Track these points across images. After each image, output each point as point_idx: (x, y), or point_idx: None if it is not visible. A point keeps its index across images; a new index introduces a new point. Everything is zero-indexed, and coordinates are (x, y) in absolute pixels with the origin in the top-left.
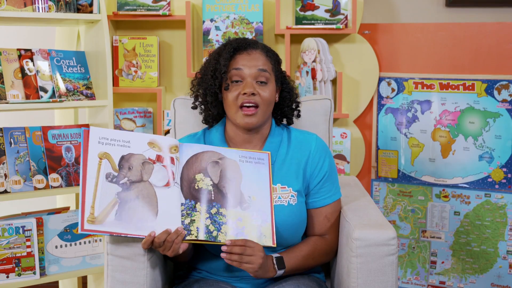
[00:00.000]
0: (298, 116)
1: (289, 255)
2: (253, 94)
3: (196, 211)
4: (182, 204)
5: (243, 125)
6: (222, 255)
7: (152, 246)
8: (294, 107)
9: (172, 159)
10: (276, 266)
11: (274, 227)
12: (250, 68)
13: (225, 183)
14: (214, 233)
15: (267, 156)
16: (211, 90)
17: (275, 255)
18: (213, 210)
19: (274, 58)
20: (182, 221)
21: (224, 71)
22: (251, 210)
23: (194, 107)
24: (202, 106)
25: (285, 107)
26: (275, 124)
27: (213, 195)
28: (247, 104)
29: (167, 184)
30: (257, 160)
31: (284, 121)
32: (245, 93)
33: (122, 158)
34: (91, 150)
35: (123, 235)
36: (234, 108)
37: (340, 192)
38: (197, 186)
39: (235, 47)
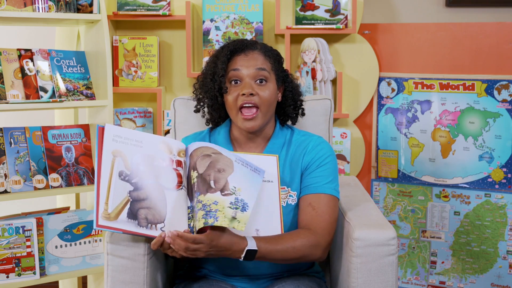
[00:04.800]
0: (303, 114)
1: (267, 242)
2: (251, 94)
3: None
4: (188, 207)
5: (244, 129)
6: (167, 239)
7: (161, 248)
8: (298, 105)
9: (180, 162)
10: (243, 256)
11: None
12: (248, 68)
13: (211, 172)
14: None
15: (274, 160)
16: (211, 93)
17: (250, 245)
18: (194, 201)
19: (273, 58)
20: (188, 224)
21: (222, 74)
22: (231, 197)
23: (197, 110)
24: (205, 109)
25: (287, 107)
26: (279, 125)
27: (196, 186)
28: (247, 105)
29: (176, 187)
30: (253, 168)
31: (289, 122)
32: (244, 94)
33: (135, 157)
34: (106, 147)
35: (135, 234)
36: (234, 110)
37: (336, 192)
38: (193, 182)
39: (232, 49)
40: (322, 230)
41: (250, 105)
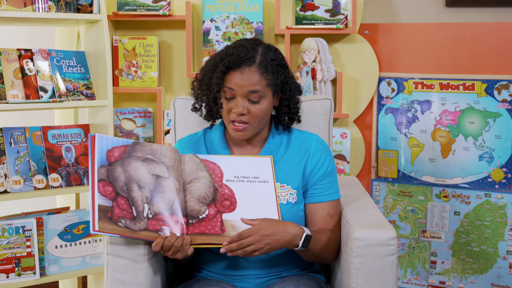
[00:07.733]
0: (298, 121)
1: (314, 237)
2: (242, 114)
3: None
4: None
5: (235, 138)
6: (228, 254)
7: (161, 250)
8: (292, 112)
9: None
10: (301, 243)
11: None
12: (242, 88)
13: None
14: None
15: (269, 161)
16: (207, 98)
17: (307, 231)
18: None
19: (273, 70)
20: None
21: (217, 90)
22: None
23: (194, 109)
24: (202, 108)
25: (281, 114)
26: (274, 126)
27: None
28: (237, 122)
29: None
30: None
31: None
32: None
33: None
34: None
35: (132, 238)
36: (227, 120)
37: (340, 194)
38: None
39: (228, 65)
40: (340, 236)
41: (239, 122)
